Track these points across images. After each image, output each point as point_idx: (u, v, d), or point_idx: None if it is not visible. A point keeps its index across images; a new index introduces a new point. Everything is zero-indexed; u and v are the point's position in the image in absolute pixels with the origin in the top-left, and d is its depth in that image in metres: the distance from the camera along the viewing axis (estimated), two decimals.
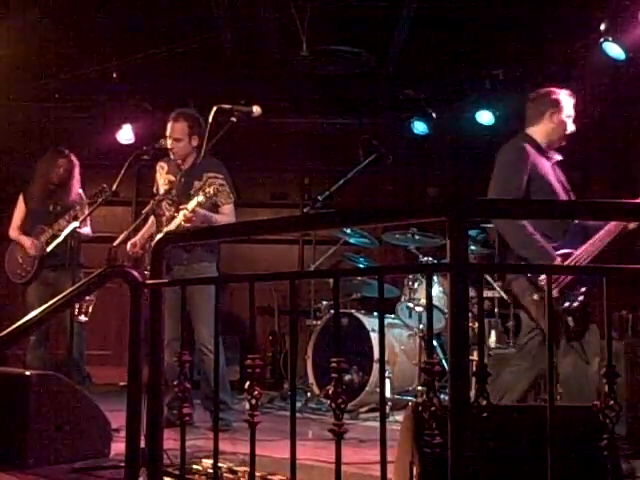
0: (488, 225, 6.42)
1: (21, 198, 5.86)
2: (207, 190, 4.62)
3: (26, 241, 5.62)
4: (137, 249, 4.90)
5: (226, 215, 4.96)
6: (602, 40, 5.90)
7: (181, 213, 4.64)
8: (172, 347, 3.85)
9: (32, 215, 5.73)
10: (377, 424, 2.02)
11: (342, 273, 2.77)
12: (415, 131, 8.05)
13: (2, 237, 8.30)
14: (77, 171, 5.82)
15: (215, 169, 4.93)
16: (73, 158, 5.80)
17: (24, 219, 5.78)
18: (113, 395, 5.87)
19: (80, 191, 5.78)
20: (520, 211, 2.25)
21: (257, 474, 3.02)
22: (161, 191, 5.03)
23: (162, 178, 5.12)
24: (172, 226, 4.67)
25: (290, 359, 2.63)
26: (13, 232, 5.79)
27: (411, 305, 6.17)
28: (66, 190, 5.72)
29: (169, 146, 4.93)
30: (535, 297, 3.71)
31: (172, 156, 5.01)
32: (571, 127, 4.00)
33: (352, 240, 6.77)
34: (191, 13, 6.52)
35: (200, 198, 4.60)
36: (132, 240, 4.96)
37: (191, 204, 4.61)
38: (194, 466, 3.40)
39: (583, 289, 3.78)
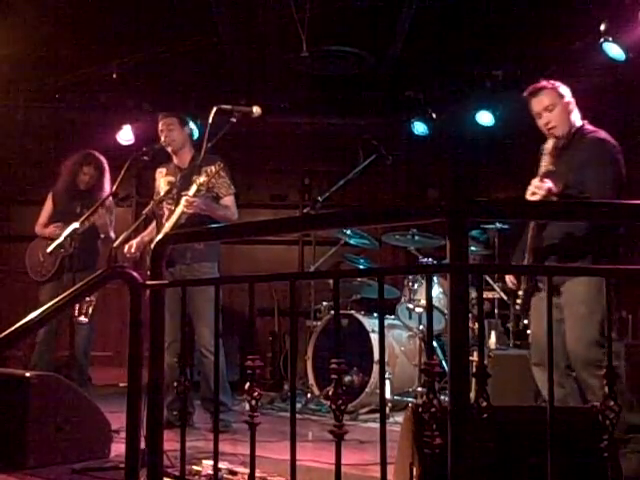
0: (488, 226, 6.43)
1: (50, 197, 5.82)
2: (207, 170, 4.65)
3: (51, 230, 5.57)
4: (134, 251, 4.91)
5: (227, 207, 4.97)
6: (602, 40, 5.90)
7: (183, 199, 4.65)
8: (173, 349, 3.84)
9: (58, 215, 5.66)
10: (377, 425, 2.02)
11: (342, 274, 2.77)
12: (415, 132, 8.05)
13: (5, 237, 8.35)
14: (107, 175, 5.77)
15: (213, 162, 4.92)
16: (101, 162, 5.74)
17: (50, 218, 5.74)
18: (113, 396, 5.87)
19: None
20: (520, 212, 2.25)
21: (257, 475, 3.02)
22: (162, 194, 5.04)
23: (162, 182, 5.14)
24: (175, 215, 4.68)
25: (290, 360, 2.63)
26: (38, 228, 5.76)
27: (411, 306, 6.17)
28: (94, 193, 5.70)
29: (163, 139, 5.00)
30: None
31: (168, 148, 5.06)
32: (540, 124, 3.97)
33: (352, 241, 6.77)
34: (191, 13, 6.51)
35: (201, 179, 4.62)
36: (130, 242, 4.96)
37: (192, 189, 4.64)
38: (194, 467, 3.40)
39: None
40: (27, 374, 3.86)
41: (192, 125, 5.15)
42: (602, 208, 2.10)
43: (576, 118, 3.92)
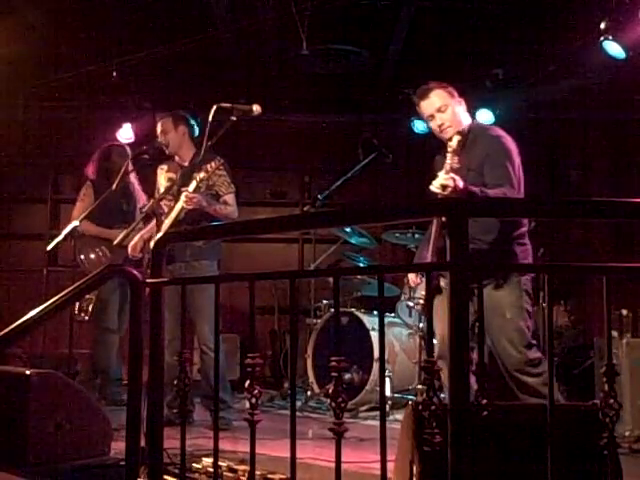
0: None
1: (91, 191, 5.78)
2: (207, 167, 4.62)
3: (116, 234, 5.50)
4: (137, 252, 4.93)
5: (228, 205, 4.97)
6: (602, 39, 5.89)
7: (182, 195, 4.64)
8: (173, 347, 3.84)
9: (106, 211, 5.54)
10: (377, 423, 2.02)
11: (342, 272, 2.77)
12: (415, 130, 8.03)
13: (5, 235, 8.35)
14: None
15: (213, 160, 4.90)
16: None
17: (93, 212, 5.60)
18: None
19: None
20: (519, 210, 2.25)
21: (257, 473, 3.03)
22: (162, 191, 5.05)
23: (162, 178, 5.14)
24: (174, 211, 4.68)
25: (290, 358, 2.63)
26: (88, 225, 5.61)
27: (411, 304, 6.16)
28: (131, 188, 5.72)
29: (160, 142, 4.99)
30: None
31: (167, 151, 5.06)
32: (432, 126, 4.01)
33: (352, 240, 6.77)
34: (191, 12, 6.52)
35: (200, 175, 4.61)
36: (131, 243, 4.97)
37: (192, 185, 4.63)
38: (194, 465, 3.40)
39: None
40: (27, 372, 3.85)
41: (191, 122, 5.12)
42: (600, 206, 2.11)
43: (466, 116, 4.01)
